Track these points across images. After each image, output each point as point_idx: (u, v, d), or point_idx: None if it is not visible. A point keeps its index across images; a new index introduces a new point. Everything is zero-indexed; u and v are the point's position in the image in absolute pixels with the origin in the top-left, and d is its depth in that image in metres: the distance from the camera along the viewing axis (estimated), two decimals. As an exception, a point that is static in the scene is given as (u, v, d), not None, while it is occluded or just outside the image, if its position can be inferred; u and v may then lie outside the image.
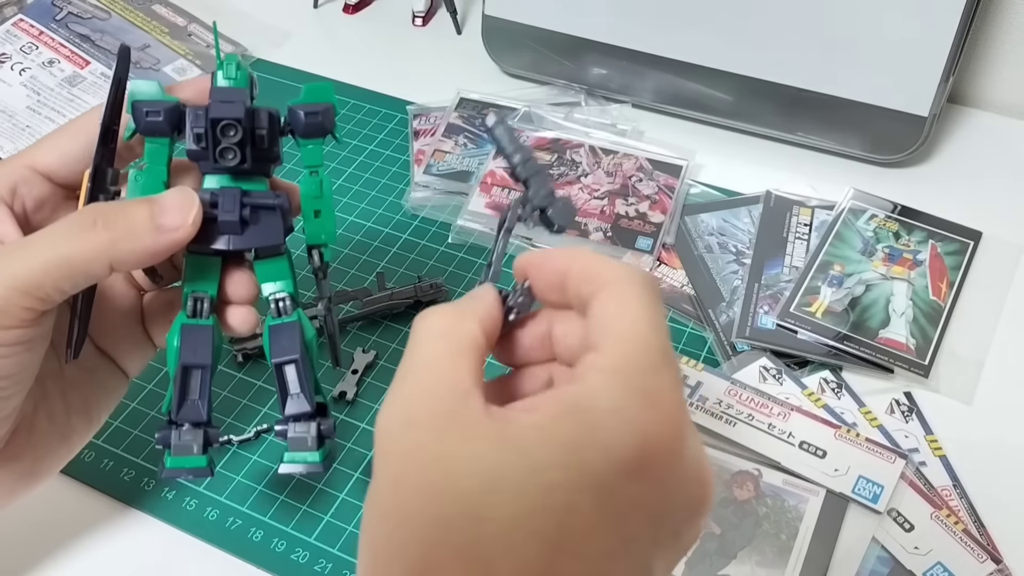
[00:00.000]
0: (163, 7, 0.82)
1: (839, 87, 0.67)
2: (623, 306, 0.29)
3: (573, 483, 0.25)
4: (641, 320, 0.28)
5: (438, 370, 0.28)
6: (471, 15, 0.85)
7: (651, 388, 0.27)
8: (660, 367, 0.27)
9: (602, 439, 0.26)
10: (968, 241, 0.62)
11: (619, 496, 0.26)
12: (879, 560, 0.45)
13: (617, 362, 0.27)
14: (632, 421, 0.26)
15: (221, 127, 0.35)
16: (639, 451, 0.26)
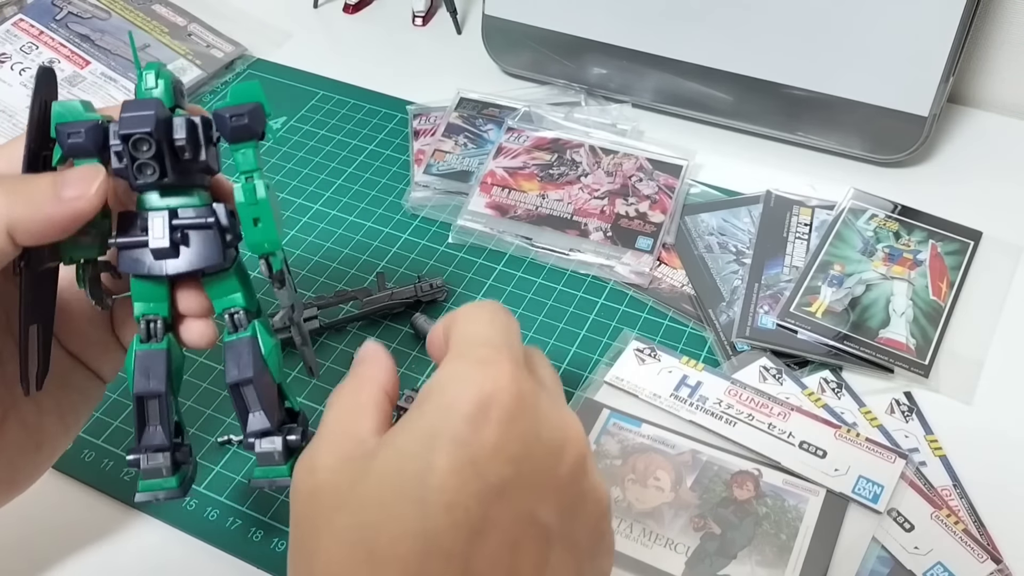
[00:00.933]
0: (163, 7, 0.82)
1: (839, 87, 0.67)
2: (466, 320, 0.33)
3: (427, 447, 0.29)
4: (479, 323, 0.33)
5: (341, 426, 0.32)
6: (471, 15, 0.85)
7: (485, 356, 0.30)
8: (496, 346, 0.31)
9: (444, 401, 0.30)
10: (968, 241, 0.62)
11: (474, 445, 0.29)
12: (879, 560, 0.45)
13: (454, 350, 0.31)
14: (467, 381, 0.30)
15: (133, 142, 0.33)
16: (477, 400, 0.29)
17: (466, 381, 0.30)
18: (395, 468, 0.29)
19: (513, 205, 0.64)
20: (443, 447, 0.29)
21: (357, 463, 0.30)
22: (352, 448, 0.31)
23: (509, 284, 0.61)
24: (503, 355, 0.31)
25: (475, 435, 0.29)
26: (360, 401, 0.33)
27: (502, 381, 0.30)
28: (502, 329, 0.33)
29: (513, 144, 0.68)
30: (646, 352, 0.55)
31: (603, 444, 0.50)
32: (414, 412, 0.30)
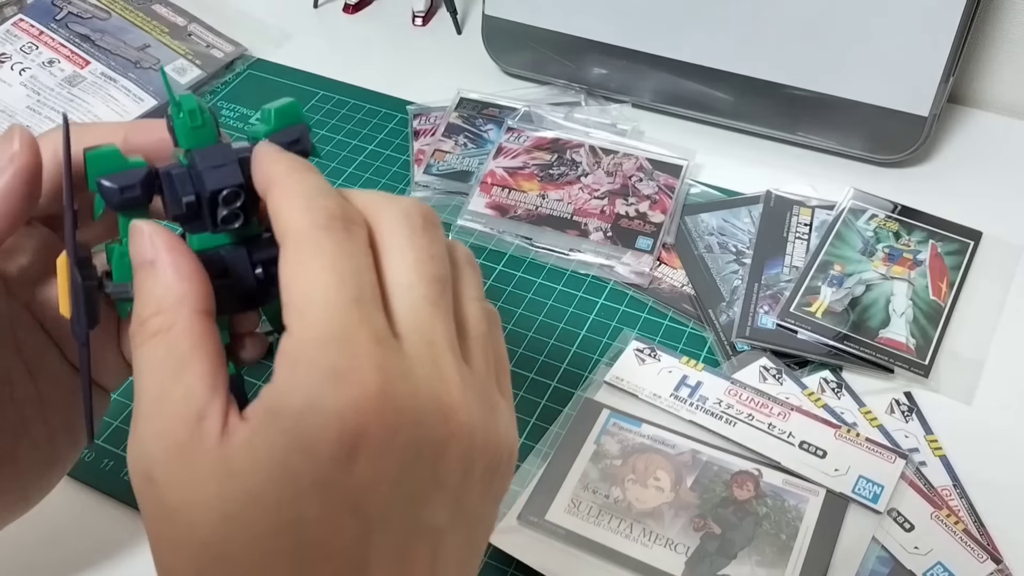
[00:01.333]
0: (163, 7, 0.82)
1: (839, 87, 0.67)
2: (299, 270, 0.25)
3: (290, 495, 0.24)
4: (318, 282, 0.25)
5: (163, 399, 0.25)
6: (471, 15, 0.85)
7: (338, 364, 0.24)
8: (348, 331, 0.24)
9: (302, 440, 0.24)
10: (968, 241, 0.62)
11: (344, 487, 0.24)
12: (879, 560, 0.45)
13: (298, 346, 0.24)
14: (325, 411, 0.23)
15: (223, 197, 0.30)
16: (342, 439, 0.23)
17: (324, 412, 0.23)
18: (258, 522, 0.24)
19: (513, 205, 0.64)
20: (310, 495, 0.24)
21: (199, 468, 0.24)
22: (187, 438, 0.24)
23: (509, 284, 0.61)
24: (358, 349, 0.24)
25: (346, 476, 0.24)
26: (178, 352, 0.25)
27: (367, 402, 0.24)
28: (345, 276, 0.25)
29: (513, 144, 0.68)
30: (646, 352, 0.55)
31: (603, 444, 0.50)
32: (264, 437, 0.24)
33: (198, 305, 0.26)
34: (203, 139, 0.30)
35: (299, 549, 0.24)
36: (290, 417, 0.24)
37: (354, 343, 0.24)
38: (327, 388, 0.24)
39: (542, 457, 0.50)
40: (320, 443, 0.23)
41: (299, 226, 0.26)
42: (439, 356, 0.26)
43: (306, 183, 0.27)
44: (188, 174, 0.30)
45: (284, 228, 0.26)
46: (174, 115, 0.30)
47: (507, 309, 0.59)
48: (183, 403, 0.25)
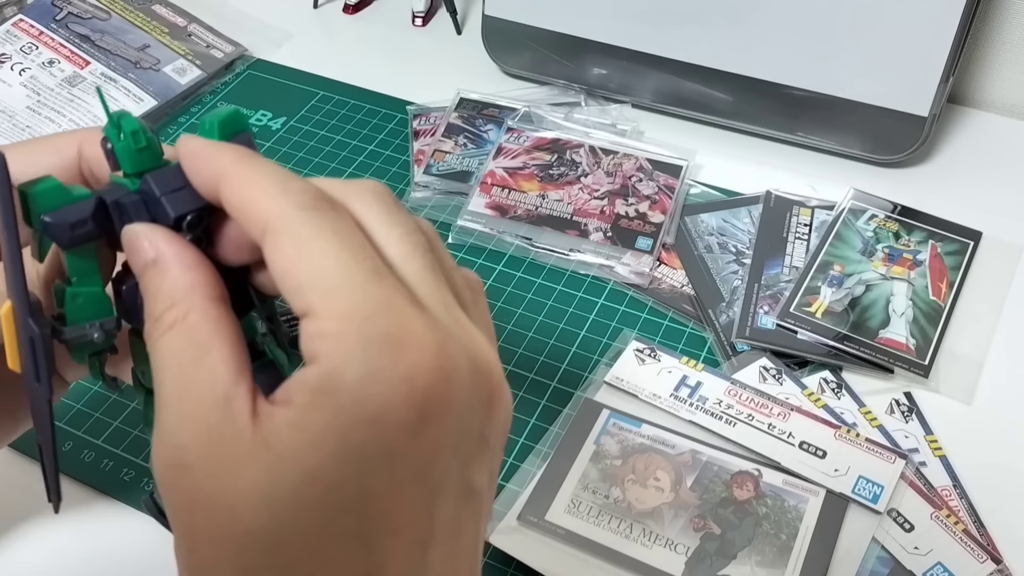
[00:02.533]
0: (163, 7, 0.82)
1: (839, 87, 0.67)
2: (302, 252, 0.24)
3: (356, 471, 0.23)
4: (331, 259, 0.24)
5: (188, 385, 0.24)
6: (471, 15, 0.85)
7: (391, 329, 0.23)
8: (388, 299, 0.24)
9: (367, 413, 0.23)
10: (968, 241, 0.62)
11: (411, 455, 0.23)
12: (879, 560, 0.45)
13: (339, 322, 0.23)
14: (389, 379, 0.23)
15: (188, 223, 0.28)
16: (411, 405, 0.23)
17: (389, 380, 0.23)
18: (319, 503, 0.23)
19: (513, 205, 0.64)
20: (378, 467, 0.23)
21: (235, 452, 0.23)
22: (218, 424, 0.24)
23: (509, 284, 0.61)
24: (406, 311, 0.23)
25: (414, 444, 0.23)
26: (198, 339, 0.25)
27: (429, 363, 0.23)
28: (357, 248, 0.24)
29: (513, 144, 0.68)
30: (646, 352, 0.55)
31: (603, 444, 0.50)
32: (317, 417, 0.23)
33: (210, 292, 0.26)
34: (148, 161, 0.28)
35: (365, 526, 0.23)
36: (349, 391, 0.23)
37: (399, 310, 0.23)
38: (386, 356, 0.23)
39: (542, 457, 0.50)
40: (388, 412, 0.23)
41: (283, 211, 0.24)
42: (460, 317, 0.25)
43: (266, 168, 0.26)
44: (142, 201, 0.28)
45: (264, 215, 0.25)
46: (112, 137, 0.28)
47: (507, 309, 0.59)
48: (209, 387, 0.24)
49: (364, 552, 0.23)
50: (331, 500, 0.23)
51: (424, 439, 0.23)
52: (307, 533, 0.23)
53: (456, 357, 0.24)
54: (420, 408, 0.23)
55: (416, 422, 0.23)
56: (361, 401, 0.23)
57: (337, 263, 0.24)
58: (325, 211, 0.25)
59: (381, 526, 0.23)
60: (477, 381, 0.25)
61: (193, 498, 0.24)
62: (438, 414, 0.23)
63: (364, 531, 0.23)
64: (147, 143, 0.28)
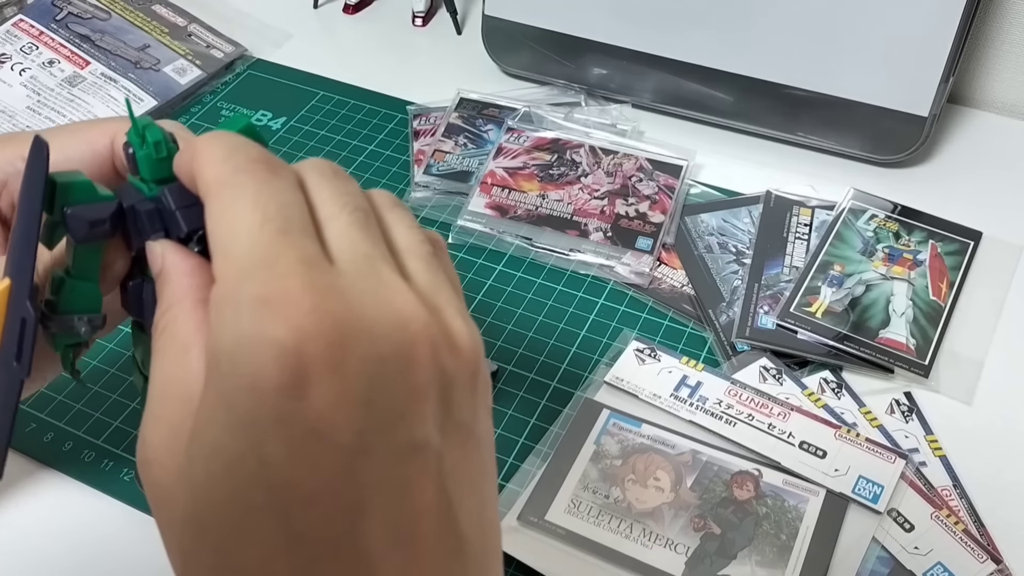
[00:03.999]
0: (163, 7, 0.82)
1: (839, 87, 0.67)
2: (221, 214, 0.24)
3: (250, 442, 0.22)
4: (240, 221, 0.24)
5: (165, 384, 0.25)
6: (471, 15, 0.85)
7: (262, 290, 0.22)
8: (271, 258, 0.23)
9: (244, 380, 0.22)
10: (968, 241, 0.62)
11: (302, 419, 0.22)
12: (879, 560, 0.45)
13: (224, 287, 0.23)
14: (258, 341, 0.22)
15: (199, 237, 0.29)
16: (284, 365, 0.22)
17: (257, 344, 0.22)
18: (224, 479, 0.23)
19: (513, 205, 0.64)
20: (270, 435, 0.22)
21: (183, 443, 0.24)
22: (182, 418, 0.24)
23: (509, 284, 0.61)
24: (287, 272, 0.23)
25: (302, 405, 0.22)
26: (179, 339, 0.25)
27: (302, 321, 0.22)
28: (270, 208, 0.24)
29: (513, 144, 0.68)
30: (646, 352, 0.55)
31: (603, 444, 0.50)
32: (209, 392, 0.23)
33: (199, 296, 0.26)
34: (167, 170, 0.29)
35: (274, 498, 0.22)
36: (225, 360, 0.22)
37: (278, 267, 0.23)
38: (254, 317, 0.22)
39: (542, 457, 0.50)
40: (262, 376, 0.22)
41: (220, 174, 0.25)
42: (378, 268, 0.24)
43: (227, 139, 0.26)
44: (157, 211, 0.29)
45: (206, 185, 0.25)
46: (135, 144, 0.29)
47: (507, 309, 0.59)
48: (181, 386, 0.24)
49: (282, 524, 0.23)
50: (236, 474, 0.23)
51: (315, 399, 0.22)
52: (223, 512, 0.23)
53: (343, 311, 0.23)
54: (296, 369, 0.22)
55: (297, 383, 0.22)
56: (236, 369, 0.22)
57: (246, 225, 0.24)
58: (257, 172, 0.25)
59: (291, 496, 0.23)
60: (387, 333, 0.23)
61: (153, 492, 0.25)
62: (325, 373, 0.22)
63: (275, 503, 0.23)
64: (167, 153, 0.29)
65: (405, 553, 0.24)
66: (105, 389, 0.54)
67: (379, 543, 0.23)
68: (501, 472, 0.50)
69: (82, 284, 0.30)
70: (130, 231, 0.30)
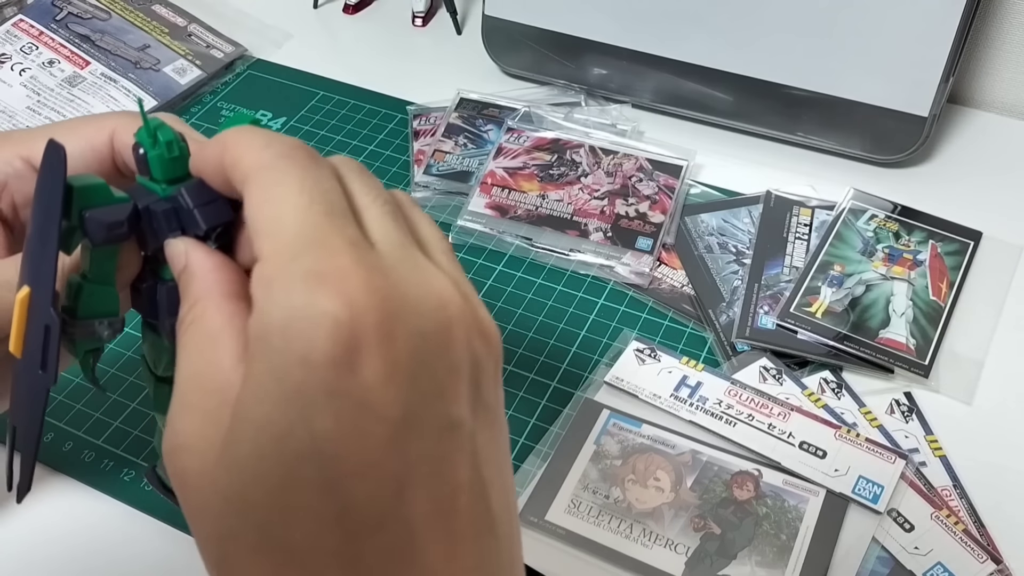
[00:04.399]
0: (163, 7, 0.82)
1: (839, 87, 0.67)
2: (264, 197, 0.25)
3: (300, 415, 0.23)
4: (286, 203, 0.24)
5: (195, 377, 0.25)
6: (471, 15, 0.85)
7: (316, 266, 0.23)
8: (321, 237, 0.24)
9: (296, 353, 0.22)
10: (968, 241, 0.62)
11: (354, 391, 0.23)
12: (879, 560, 0.45)
13: (272, 265, 0.24)
14: (312, 315, 0.22)
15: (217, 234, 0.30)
16: (337, 338, 0.22)
17: (311, 317, 0.22)
18: (272, 454, 0.23)
19: (513, 205, 0.64)
20: (320, 408, 0.22)
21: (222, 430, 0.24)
22: (216, 406, 0.24)
23: (509, 284, 0.61)
24: (337, 251, 0.23)
25: (353, 378, 0.22)
26: (209, 331, 0.26)
27: (355, 296, 0.23)
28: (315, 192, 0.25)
29: (513, 144, 0.68)
30: (646, 352, 0.55)
31: (603, 444, 0.50)
32: (257, 367, 0.23)
33: (227, 289, 0.27)
34: (179, 170, 0.29)
35: (323, 471, 0.23)
36: (277, 334, 0.23)
37: (329, 246, 0.23)
38: (308, 292, 0.23)
39: (542, 457, 0.50)
40: (315, 350, 0.22)
41: (260, 161, 0.25)
42: (414, 254, 0.26)
43: (259, 132, 0.27)
44: (174, 210, 0.29)
45: (246, 170, 0.26)
46: (146, 144, 0.29)
47: (507, 309, 0.59)
48: (212, 377, 0.25)
49: (330, 498, 0.23)
50: (284, 449, 0.23)
51: (366, 372, 0.23)
52: (270, 487, 0.23)
53: (391, 288, 0.23)
54: (349, 342, 0.22)
55: (349, 356, 0.22)
56: (288, 342, 0.23)
57: (292, 207, 0.24)
58: (299, 159, 0.25)
59: (340, 469, 0.23)
60: (430, 312, 0.24)
61: (187, 478, 0.25)
62: (376, 346, 0.23)
63: (324, 476, 0.23)
64: (180, 152, 0.29)
65: (445, 527, 0.24)
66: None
67: (422, 516, 0.24)
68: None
69: (100, 288, 0.30)
70: (145, 232, 0.30)
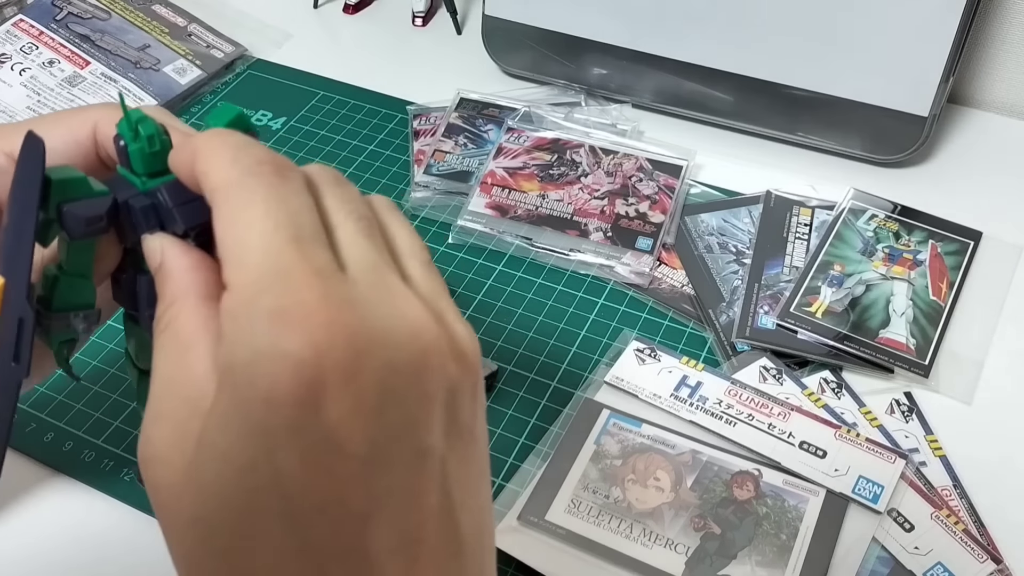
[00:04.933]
0: (163, 7, 0.82)
1: (839, 87, 0.67)
2: (231, 220, 0.24)
3: (263, 450, 0.22)
4: (251, 229, 0.24)
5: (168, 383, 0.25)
6: (471, 15, 0.85)
7: (278, 303, 0.22)
8: (286, 270, 0.23)
9: (260, 391, 0.22)
10: (968, 241, 0.62)
11: (319, 429, 0.22)
12: (879, 560, 0.45)
13: (237, 298, 0.23)
14: (274, 354, 0.22)
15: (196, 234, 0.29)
16: (300, 378, 0.22)
17: (272, 358, 0.22)
18: (235, 485, 0.23)
19: (513, 205, 0.64)
20: (284, 445, 0.22)
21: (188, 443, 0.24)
22: (187, 416, 0.24)
23: (509, 284, 0.61)
24: (301, 285, 0.23)
25: (317, 417, 0.22)
26: (182, 337, 0.25)
27: (319, 335, 0.22)
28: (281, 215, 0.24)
29: (513, 144, 0.68)
30: (646, 352, 0.55)
31: (603, 444, 0.50)
32: (222, 398, 0.23)
33: (203, 291, 0.26)
34: (160, 164, 0.29)
35: (287, 506, 0.23)
36: (241, 371, 0.22)
37: (293, 279, 0.23)
38: (271, 331, 0.22)
39: (542, 457, 0.50)
40: (278, 389, 0.22)
41: (227, 177, 0.25)
42: (387, 277, 0.25)
43: (232, 139, 0.26)
44: (153, 206, 0.29)
45: (213, 186, 0.25)
46: (127, 137, 0.29)
47: (507, 309, 0.59)
48: (185, 385, 0.24)
49: (292, 531, 0.23)
50: (247, 481, 0.23)
51: (331, 411, 0.22)
52: (232, 517, 0.23)
53: (357, 323, 0.23)
54: (312, 381, 0.22)
55: (313, 396, 0.22)
56: (252, 381, 0.22)
57: (257, 233, 0.24)
58: (266, 176, 0.25)
59: (303, 503, 0.23)
60: (400, 344, 0.24)
61: (158, 489, 0.25)
62: (341, 384, 0.22)
63: (288, 510, 0.23)
64: (161, 147, 0.29)
65: (409, 556, 0.24)
66: (105, 389, 0.54)
67: (385, 548, 0.24)
68: (501, 472, 0.50)
69: (76, 280, 0.30)
70: (124, 226, 0.29)
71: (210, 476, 0.23)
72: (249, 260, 0.23)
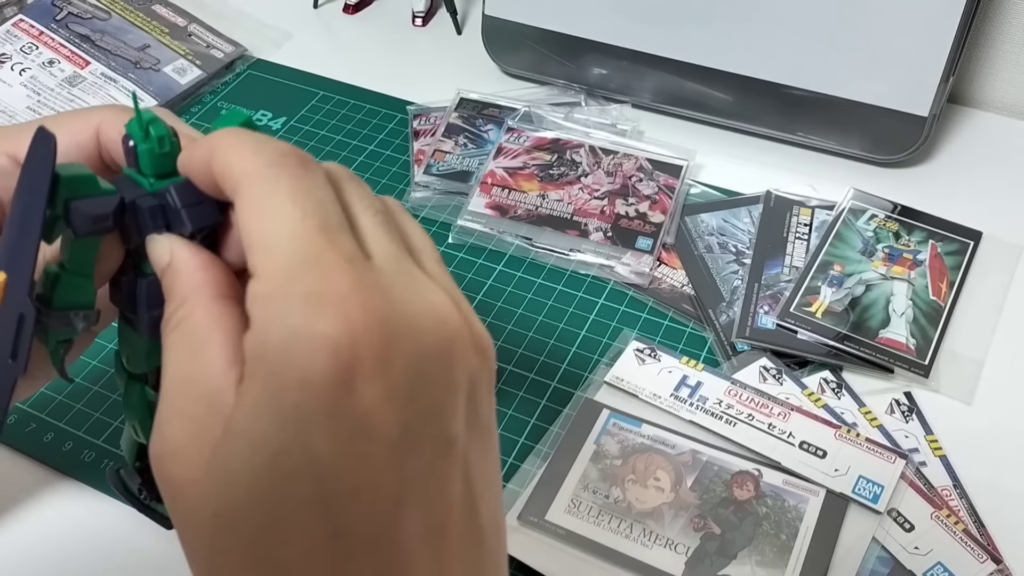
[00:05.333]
0: (163, 7, 0.82)
1: (839, 87, 0.67)
2: (256, 209, 0.24)
3: (297, 435, 0.22)
4: (279, 217, 0.24)
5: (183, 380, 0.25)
6: (471, 15, 0.85)
7: (315, 286, 0.23)
8: (317, 255, 0.23)
9: (294, 375, 0.22)
10: (968, 241, 0.62)
11: (353, 412, 0.23)
12: (879, 560, 0.45)
13: (269, 283, 0.23)
14: (310, 337, 0.22)
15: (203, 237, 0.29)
16: (336, 361, 0.22)
17: (310, 339, 0.22)
18: (267, 472, 0.23)
19: (513, 205, 0.64)
20: (318, 428, 0.22)
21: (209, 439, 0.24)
22: (205, 412, 0.24)
23: (509, 284, 0.61)
24: (334, 269, 0.23)
25: (352, 400, 0.22)
26: (197, 334, 0.25)
27: (355, 317, 0.22)
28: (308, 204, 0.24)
29: (513, 144, 0.68)
30: (646, 352, 0.55)
31: (603, 444, 0.50)
32: (254, 385, 0.23)
33: (215, 290, 0.26)
34: (168, 166, 0.29)
35: (320, 491, 0.23)
36: (275, 354, 0.23)
37: (325, 265, 0.23)
38: (306, 314, 0.22)
39: (542, 457, 0.50)
40: (313, 372, 0.22)
41: (250, 169, 0.25)
42: (409, 267, 0.25)
43: (250, 135, 0.26)
44: (160, 207, 0.29)
45: (236, 178, 0.25)
46: (137, 138, 0.29)
47: (507, 309, 0.59)
48: (201, 381, 0.24)
49: (325, 517, 0.23)
50: (280, 467, 0.23)
51: (365, 394, 0.23)
52: (264, 505, 0.23)
53: (388, 309, 0.23)
54: (348, 364, 0.22)
55: (348, 378, 0.22)
56: (287, 363, 0.22)
57: (285, 221, 0.24)
58: (290, 167, 0.25)
59: (336, 487, 0.23)
60: (429, 330, 0.24)
61: (175, 485, 0.24)
62: (375, 368, 0.23)
63: (321, 495, 0.23)
64: (171, 149, 0.29)
65: (436, 544, 0.24)
66: (105, 389, 0.54)
67: (415, 535, 0.24)
68: (501, 472, 0.50)
69: (78, 279, 0.30)
70: (129, 227, 0.29)
71: (238, 464, 0.23)
72: (279, 247, 0.23)
